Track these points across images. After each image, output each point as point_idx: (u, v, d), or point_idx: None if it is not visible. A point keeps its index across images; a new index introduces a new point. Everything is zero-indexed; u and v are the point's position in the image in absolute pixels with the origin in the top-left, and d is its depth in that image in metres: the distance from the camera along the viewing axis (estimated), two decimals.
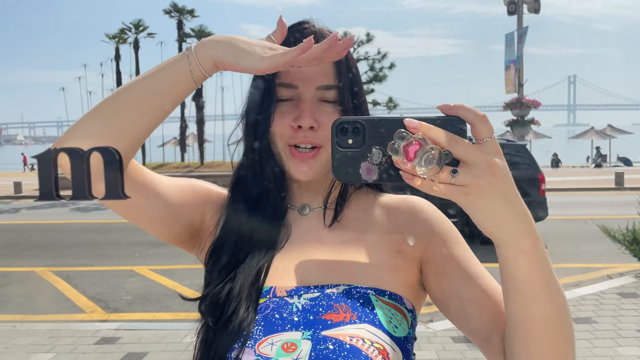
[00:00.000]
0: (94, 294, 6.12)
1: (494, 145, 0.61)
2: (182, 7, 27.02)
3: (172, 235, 0.94)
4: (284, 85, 0.86)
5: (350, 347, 0.75)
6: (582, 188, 16.98)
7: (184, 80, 0.78)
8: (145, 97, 0.79)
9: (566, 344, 0.71)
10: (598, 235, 6.79)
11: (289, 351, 0.76)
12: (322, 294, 0.81)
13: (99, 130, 0.79)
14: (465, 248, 0.87)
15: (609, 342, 4.23)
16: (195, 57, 0.77)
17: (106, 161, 0.34)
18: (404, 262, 0.87)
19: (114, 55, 27.74)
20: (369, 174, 0.63)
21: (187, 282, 6.36)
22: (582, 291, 5.64)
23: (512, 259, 0.65)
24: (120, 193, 0.34)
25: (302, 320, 0.79)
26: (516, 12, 17.95)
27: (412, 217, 0.90)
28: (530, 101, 18.03)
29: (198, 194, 0.95)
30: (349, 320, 0.78)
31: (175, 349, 4.30)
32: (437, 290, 0.86)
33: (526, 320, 0.68)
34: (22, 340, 4.59)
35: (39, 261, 7.86)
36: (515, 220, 0.63)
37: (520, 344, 0.70)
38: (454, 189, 0.60)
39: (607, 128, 33.30)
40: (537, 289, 0.67)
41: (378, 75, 23.86)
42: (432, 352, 4.13)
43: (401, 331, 0.81)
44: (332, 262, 0.86)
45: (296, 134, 0.85)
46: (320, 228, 0.91)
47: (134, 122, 0.80)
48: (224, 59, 0.76)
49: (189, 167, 23.86)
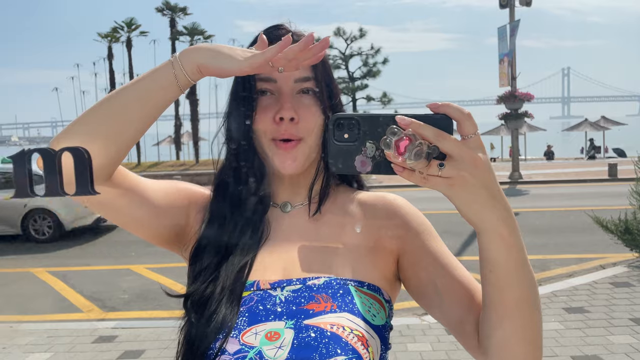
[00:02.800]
0: (90, 293, 6.14)
1: (477, 140, 0.66)
2: (174, 5, 26.95)
3: (157, 236, 0.97)
4: (263, 79, 0.89)
5: (331, 334, 0.79)
6: (576, 180, 17.08)
7: (168, 86, 0.82)
8: (132, 103, 0.82)
9: (536, 323, 0.76)
10: (591, 227, 6.86)
11: (273, 339, 0.79)
12: (304, 286, 0.86)
13: (88, 137, 0.82)
14: (439, 241, 0.92)
15: (601, 330, 4.29)
16: (179, 63, 0.81)
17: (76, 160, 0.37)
18: (382, 255, 0.92)
19: (107, 54, 27.68)
20: (363, 166, 0.67)
21: (183, 280, 6.33)
22: (575, 281, 5.70)
23: (491, 245, 0.70)
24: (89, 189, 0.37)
25: (285, 310, 0.83)
26: (508, 5, 17.96)
27: (388, 213, 0.95)
28: (524, 94, 18.06)
29: (182, 195, 0.98)
30: (329, 310, 0.82)
31: (172, 346, 4.31)
32: (413, 280, 0.91)
33: (502, 301, 0.74)
34: (20, 340, 4.61)
35: (35, 261, 7.88)
36: (495, 209, 0.68)
37: (496, 323, 0.75)
38: (440, 181, 0.65)
39: (601, 120, 33.39)
40: (513, 273, 0.72)
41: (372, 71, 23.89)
42: (426, 344, 4.18)
43: (379, 320, 0.85)
44: (313, 255, 0.90)
45: (278, 127, 0.88)
46: (301, 224, 0.95)
47: (122, 128, 0.83)
48: (207, 62, 0.80)
49: (185, 166, 23.85)
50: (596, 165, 22.32)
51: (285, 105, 0.87)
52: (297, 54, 0.77)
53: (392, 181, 13.36)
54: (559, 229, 8.90)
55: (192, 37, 26.62)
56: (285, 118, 0.87)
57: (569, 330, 4.31)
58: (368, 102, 24.25)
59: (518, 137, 19.41)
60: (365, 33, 23.60)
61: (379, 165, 0.67)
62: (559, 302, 5.02)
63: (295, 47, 0.77)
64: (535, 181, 17.19)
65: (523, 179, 17.49)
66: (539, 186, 16.28)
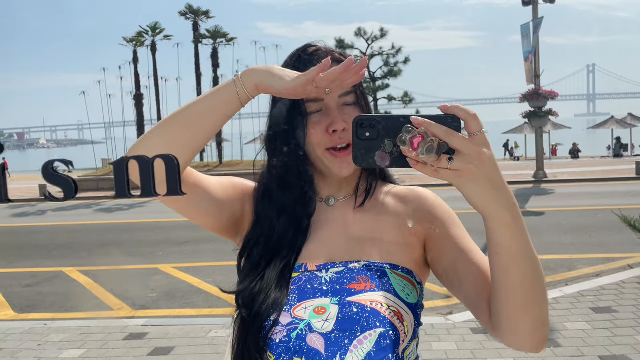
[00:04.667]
0: (120, 292, 6.30)
1: (482, 138, 0.75)
2: (197, 9, 27.28)
3: (219, 226, 1.10)
4: (313, 100, 1.01)
5: (371, 309, 0.91)
6: (602, 178, 16.78)
7: (231, 101, 0.95)
8: (201, 116, 0.96)
9: (540, 299, 0.85)
10: (619, 226, 6.75)
11: (320, 313, 0.92)
12: (346, 269, 0.98)
13: (167, 144, 0.95)
14: (461, 228, 1.04)
15: (629, 330, 4.25)
16: (241, 82, 0.94)
17: (167, 166, 0.43)
18: (412, 241, 1.04)
19: (132, 58, 28.13)
20: (383, 160, 0.76)
21: (210, 279, 6.51)
22: (602, 281, 5.64)
23: (496, 229, 0.79)
24: (178, 191, 0.43)
25: (330, 289, 0.95)
26: (531, 2, 17.73)
27: (418, 204, 1.07)
28: (547, 92, 17.80)
29: (237, 189, 1.11)
30: (369, 289, 0.94)
31: (201, 343, 4.44)
32: (437, 263, 1.02)
33: (507, 279, 0.83)
34: (54, 337, 4.77)
35: (66, 261, 8.10)
36: (499, 197, 0.77)
37: (502, 299, 0.85)
38: (450, 173, 0.74)
39: (628, 117, 32.68)
40: (516, 253, 0.81)
41: (393, 70, 23.81)
42: (451, 343, 4.20)
43: (412, 298, 0.98)
44: (353, 242, 1.03)
45: (332, 138, 1.00)
46: (343, 215, 1.07)
47: (192, 137, 0.97)
48: (263, 82, 0.93)
49: (208, 167, 24.13)
50: (623, 163, 21.87)
51: (336, 119, 0.99)
52: (339, 75, 0.88)
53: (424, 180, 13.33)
54: (586, 228, 8.78)
55: (214, 40, 26.93)
56: (339, 129, 0.99)
57: (596, 331, 4.28)
58: (389, 102, 24.21)
59: (542, 135, 19.14)
60: (386, 33, 23.57)
61: (396, 160, 0.75)
62: (586, 302, 4.98)
63: (337, 70, 0.88)
64: (560, 180, 16.95)
65: (548, 178, 17.26)
66: (564, 185, 16.04)
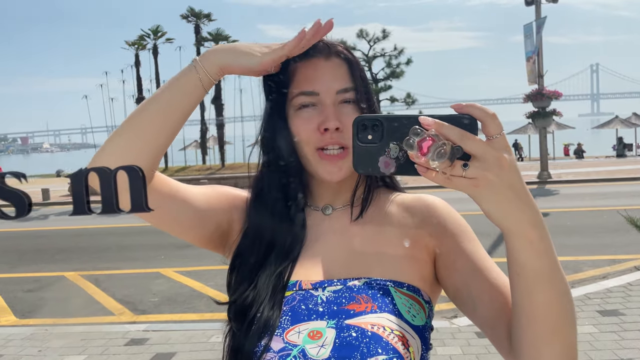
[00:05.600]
0: (122, 297, 6.26)
1: (502, 141, 0.65)
2: (198, 12, 27.28)
3: (201, 239, 1.00)
4: (305, 93, 0.91)
5: (372, 334, 0.81)
6: (608, 179, 16.66)
7: (194, 89, 0.87)
8: (161, 112, 0.87)
9: (567, 329, 0.73)
10: (625, 227, 6.67)
11: (315, 338, 0.82)
12: (344, 287, 0.88)
13: (123, 148, 0.87)
14: (476, 243, 0.92)
15: (637, 334, 4.17)
16: (201, 66, 0.86)
17: (131, 178, 0.38)
18: (420, 256, 0.93)
19: (134, 62, 28.16)
20: (387, 167, 0.67)
21: (212, 283, 6.46)
22: (609, 283, 5.56)
23: (519, 247, 0.68)
24: (144, 206, 0.38)
25: (327, 310, 0.85)
26: (534, 2, 17.66)
27: (426, 214, 0.95)
28: (551, 92, 17.71)
29: (223, 198, 1.01)
30: (370, 310, 0.84)
31: (203, 349, 4.39)
32: (448, 282, 0.91)
33: (530, 305, 0.72)
34: (55, 342, 4.73)
35: (68, 266, 8.06)
36: (522, 210, 0.66)
37: (524, 328, 0.74)
38: (465, 182, 0.64)
39: (632, 116, 32.49)
40: (542, 276, 0.70)
41: (395, 72, 23.74)
42: (456, 347, 4.13)
43: (419, 320, 0.86)
44: (353, 257, 0.92)
45: (323, 137, 0.90)
46: (342, 226, 0.96)
47: (154, 136, 0.87)
48: (227, 62, 0.86)
49: (211, 170, 24.11)
50: (628, 163, 21.74)
51: (330, 117, 0.90)
52: (310, 40, 0.84)
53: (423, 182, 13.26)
54: (591, 229, 8.70)
55: (216, 42, 26.87)
56: (331, 128, 0.89)
57: (603, 334, 4.20)
58: (392, 103, 24.12)
59: (546, 135, 19.05)
60: (388, 34, 23.50)
61: (402, 166, 0.66)
62: (593, 305, 4.90)
63: (308, 35, 0.84)
64: (565, 180, 16.83)
65: (552, 178, 17.15)
66: (569, 185, 15.93)
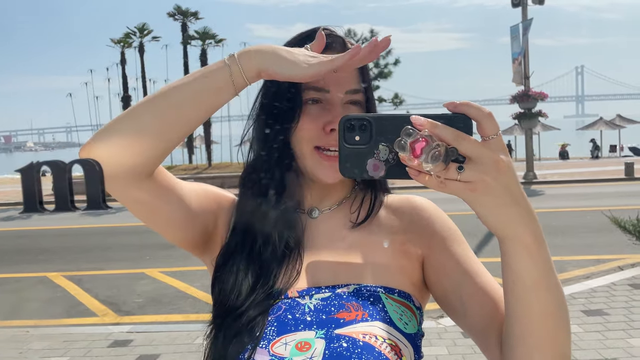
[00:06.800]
0: (105, 298, 6.17)
1: (499, 142, 0.62)
2: (185, 10, 27.13)
3: (187, 239, 0.94)
4: (315, 88, 0.85)
5: (364, 344, 0.76)
6: (592, 179, 16.85)
7: (224, 88, 0.78)
8: (183, 104, 0.78)
9: (562, 338, 0.71)
10: (609, 227, 6.73)
11: (303, 350, 0.77)
12: (333, 294, 0.83)
13: (137, 132, 0.78)
14: (465, 246, 0.88)
15: (620, 333, 4.20)
16: (239, 65, 0.77)
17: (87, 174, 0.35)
18: (409, 261, 0.89)
19: (120, 60, 27.95)
20: (376, 170, 0.63)
21: (198, 284, 6.39)
22: (593, 283, 5.61)
23: (514, 254, 0.66)
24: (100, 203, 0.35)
25: (315, 319, 0.80)
26: (520, 3, 17.81)
27: (414, 216, 0.92)
28: (537, 93, 17.90)
29: (211, 198, 0.95)
30: (360, 319, 0.79)
31: (188, 350, 4.33)
32: (438, 286, 0.87)
33: (525, 314, 0.69)
34: (36, 344, 4.64)
35: (50, 266, 7.93)
36: (519, 216, 0.64)
37: (518, 337, 0.71)
38: (460, 185, 0.61)
39: (617, 118, 32.97)
40: (537, 284, 0.67)
41: (383, 72, 23.83)
42: (442, 347, 4.13)
43: (411, 328, 0.82)
44: (341, 262, 0.87)
45: (327, 137, 0.84)
46: (328, 229, 0.92)
47: (173, 126, 0.79)
48: (269, 67, 0.76)
49: (197, 169, 23.96)
50: (612, 164, 22.01)
51: (338, 118, 0.82)
52: (363, 60, 0.74)
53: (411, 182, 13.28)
54: (575, 229, 8.77)
55: (203, 41, 26.76)
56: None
57: (587, 334, 4.23)
58: (379, 103, 24.22)
59: (532, 136, 19.21)
60: (376, 34, 23.56)
61: (392, 170, 0.63)
62: (577, 305, 4.93)
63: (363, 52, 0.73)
64: (550, 181, 17.01)
65: (538, 179, 17.30)
66: (554, 186, 16.09)
